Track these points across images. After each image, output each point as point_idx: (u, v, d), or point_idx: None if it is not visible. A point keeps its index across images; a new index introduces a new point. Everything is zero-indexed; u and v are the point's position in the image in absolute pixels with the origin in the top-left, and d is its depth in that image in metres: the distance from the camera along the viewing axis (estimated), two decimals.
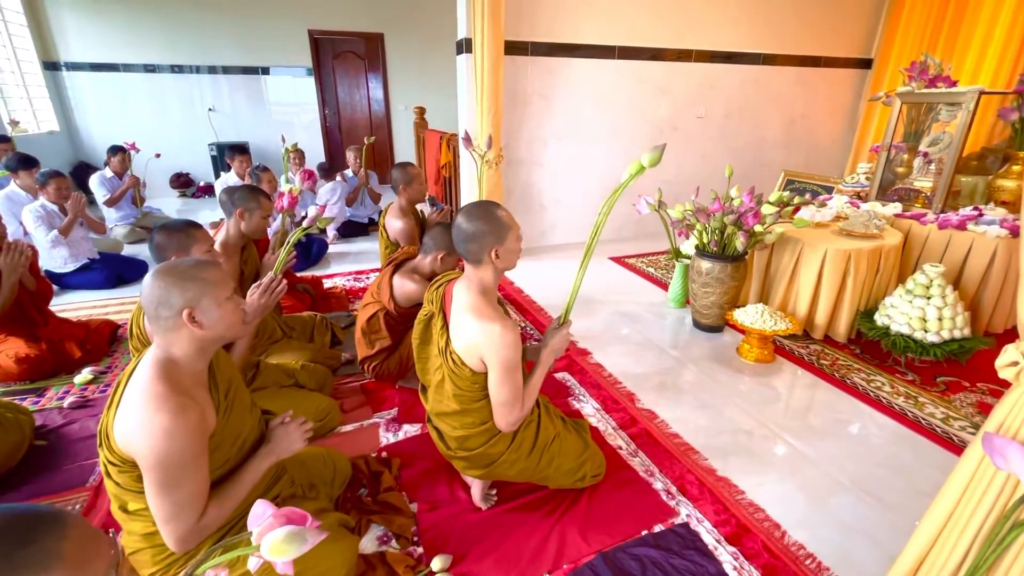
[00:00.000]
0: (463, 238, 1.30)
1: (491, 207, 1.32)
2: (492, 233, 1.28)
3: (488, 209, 1.31)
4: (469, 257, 1.32)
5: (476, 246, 1.29)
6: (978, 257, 2.61)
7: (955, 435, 1.95)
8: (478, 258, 1.31)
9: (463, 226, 1.30)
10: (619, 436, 1.93)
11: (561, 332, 1.47)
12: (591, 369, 2.40)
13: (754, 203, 2.49)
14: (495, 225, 1.29)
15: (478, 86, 3.61)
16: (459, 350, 1.33)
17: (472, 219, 1.29)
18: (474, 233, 1.29)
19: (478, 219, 1.29)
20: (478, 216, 1.29)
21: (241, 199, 2.04)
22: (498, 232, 1.29)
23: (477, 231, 1.28)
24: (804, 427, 2.01)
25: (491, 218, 1.29)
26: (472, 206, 1.32)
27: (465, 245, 1.31)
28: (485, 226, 1.28)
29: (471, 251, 1.31)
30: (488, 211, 1.30)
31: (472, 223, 1.29)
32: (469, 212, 1.31)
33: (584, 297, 3.31)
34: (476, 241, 1.29)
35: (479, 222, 1.29)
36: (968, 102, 2.70)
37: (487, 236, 1.28)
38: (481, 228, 1.28)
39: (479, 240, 1.29)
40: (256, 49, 6.60)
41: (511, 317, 1.43)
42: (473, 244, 1.29)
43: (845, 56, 4.90)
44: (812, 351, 2.59)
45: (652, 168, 1.31)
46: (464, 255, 1.33)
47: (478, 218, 1.29)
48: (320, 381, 2.10)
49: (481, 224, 1.28)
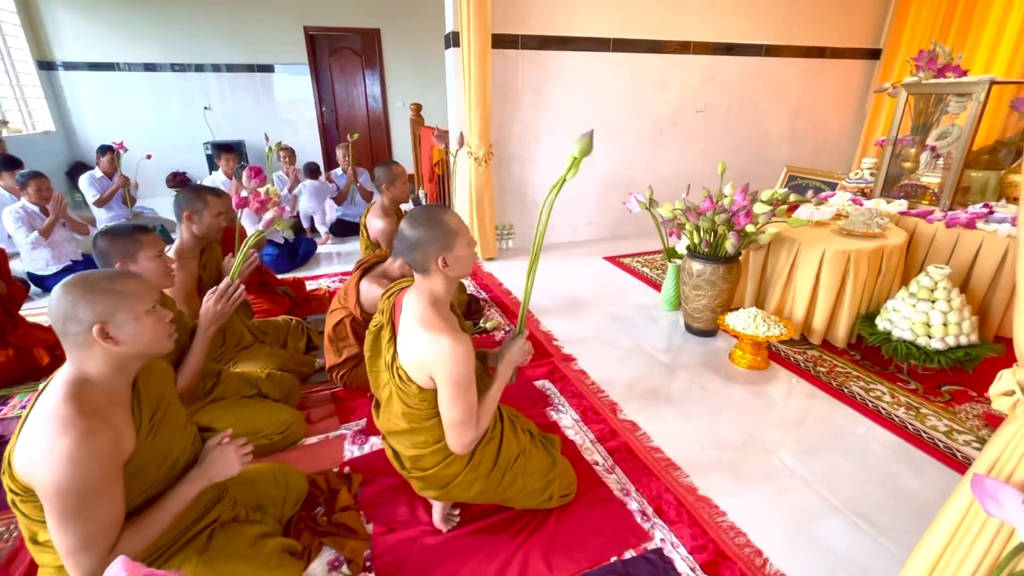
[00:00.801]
0: (407, 246, 1.20)
1: (437, 212, 1.21)
2: (438, 240, 1.18)
3: (433, 214, 1.20)
4: (415, 266, 1.22)
5: (421, 254, 1.19)
6: (988, 257, 2.45)
7: (959, 451, 1.81)
8: (424, 267, 1.21)
9: (406, 233, 1.20)
10: (596, 450, 1.82)
11: (518, 342, 1.37)
12: (574, 377, 2.29)
13: (747, 201, 2.36)
14: (441, 231, 1.18)
15: (466, 80, 3.51)
16: (406, 365, 1.23)
17: (416, 225, 1.19)
18: (418, 240, 1.18)
19: (422, 225, 1.18)
20: (422, 222, 1.19)
21: (185, 201, 1.95)
22: (445, 239, 1.19)
23: (421, 238, 1.18)
24: (796, 441, 1.89)
25: (436, 224, 1.19)
26: (417, 211, 1.22)
27: (410, 254, 1.20)
28: (430, 232, 1.18)
29: (416, 260, 1.20)
30: (433, 216, 1.20)
31: (415, 230, 1.18)
32: (413, 218, 1.20)
33: (573, 299, 3.20)
34: (421, 249, 1.19)
35: (423, 228, 1.18)
36: (979, 92, 2.54)
37: (432, 243, 1.18)
38: (425, 235, 1.18)
39: (424, 248, 1.18)
40: (252, 47, 6.54)
41: (464, 330, 1.33)
42: (418, 252, 1.19)
43: (852, 47, 4.71)
44: (809, 357, 2.46)
45: (587, 158, 1.21)
46: (411, 264, 1.23)
47: (422, 224, 1.18)
48: (286, 390, 2.01)
49: (425, 230, 1.18)
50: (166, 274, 1.60)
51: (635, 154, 4.36)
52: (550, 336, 2.68)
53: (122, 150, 4.43)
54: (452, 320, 1.26)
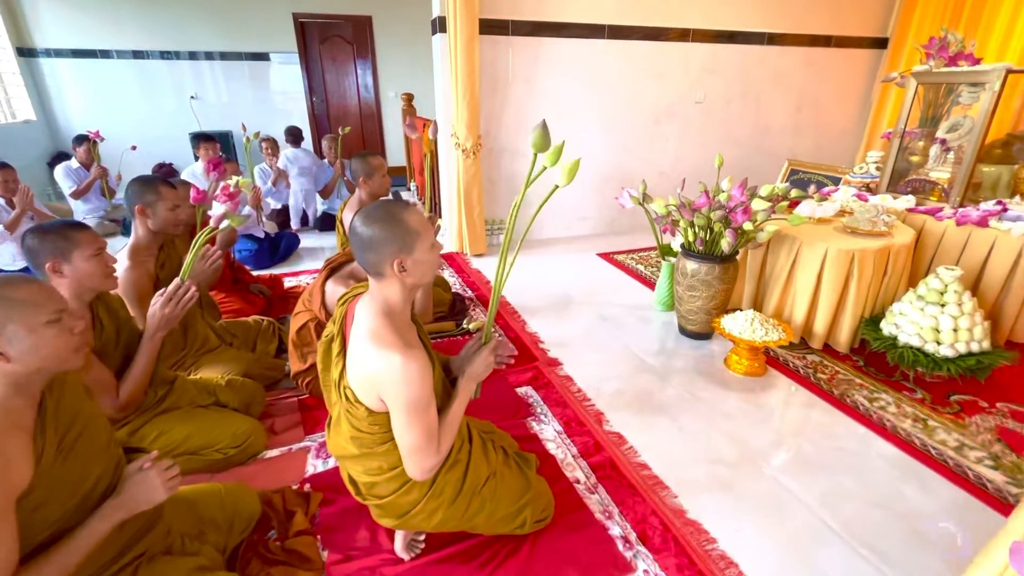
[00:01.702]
0: (359, 245, 1.06)
1: (396, 208, 1.06)
2: (394, 240, 1.03)
3: (391, 210, 1.06)
4: (368, 269, 1.08)
5: (375, 255, 1.05)
6: (1001, 258, 2.31)
7: (970, 469, 1.68)
8: (378, 270, 1.07)
9: (358, 230, 1.05)
10: (579, 466, 1.69)
11: (481, 354, 1.23)
12: (559, 383, 2.15)
13: (745, 197, 2.21)
14: (398, 230, 1.04)
15: (453, 68, 3.34)
16: (354, 384, 1.09)
17: (370, 222, 1.04)
18: (372, 239, 1.04)
19: (377, 222, 1.04)
20: (377, 219, 1.04)
21: (135, 193, 1.81)
22: (403, 239, 1.04)
23: (375, 237, 1.03)
24: (794, 457, 1.76)
25: (394, 222, 1.04)
26: (372, 207, 1.07)
27: (362, 254, 1.06)
28: (386, 231, 1.03)
29: (369, 262, 1.06)
30: (390, 213, 1.05)
31: (369, 227, 1.04)
32: (367, 215, 1.05)
33: (563, 298, 3.06)
34: (374, 250, 1.04)
35: (378, 226, 1.03)
36: (993, 82, 2.38)
37: (388, 244, 1.03)
38: (381, 233, 1.03)
39: (378, 248, 1.04)
40: (239, 34, 6.35)
41: (423, 344, 1.18)
42: (371, 253, 1.05)
43: (858, 35, 4.53)
44: (809, 363, 2.32)
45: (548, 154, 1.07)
46: (363, 266, 1.08)
47: (377, 221, 1.04)
48: (247, 398, 1.87)
49: (381, 228, 1.03)
50: (106, 275, 1.46)
51: (631, 147, 4.20)
52: (536, 338, 2.54)
53: (98, 139, 4.28)
54: (409, 333, 1.12)
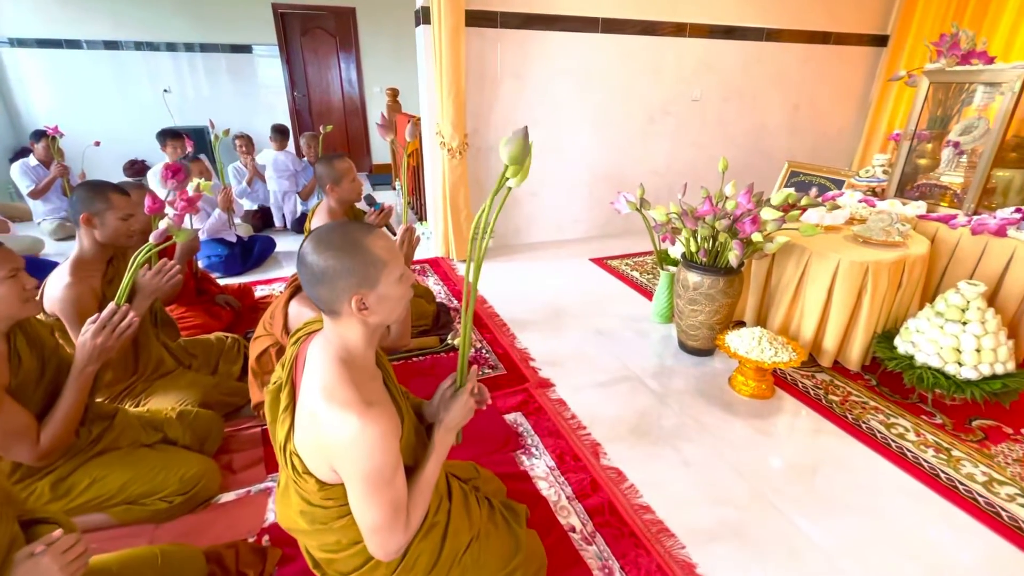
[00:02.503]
0: (308, 277, 0.86)
1: (355, 232, 0.86)
2: (353, 272, 0.84)
3: (349, 235, 0.85)
4: (321, 307, 0.88)
5: (328, 291, 0.85)
6: (1020, 270, 2.17)
7: (1004, 509, 1.53)
8: (333, 309, 0.87)
9: (308, 259, 0.85)
10: (574, 510, 1.51)
11: (459, 400, 1.04)
12: (551, 408, 1.97)
13: (752, 204, 2.04)
14: (358, 260, 0.84)
15: (437, 62, 3.13)
16: (301, 450, 0.89)
17: (322, 250, 0.84)
18: (324, 272, 0.84)
19: (331, 250, 0.84)
20: (332, 245, 0.84)
21: (80, 201, 1.58)
22: (364, 271, 0.85)
23: (329, 269, 0.84)
24: (808, 495, 1.59)
25: (352, 249, 0.84)
26: (326, 229, 0.87)
27: (313, 289, 0.86)
28: (342, 262, 0.84)
29: (321, 297, 0.86)
30: (349, 238, 0.85)
31: (321, 256, 0.84)
32: (319, 240, 0.85)
33: (555, 309, 2.87)
34: (327, 284, 0.84)
35: (332, 255, 0.84)
36: (1014, 83, 2.23)
37: (345, 277, 0.84)
38: (335, 265, 0.84)
39: (332, 283, 0.84)
40: (218, 25, 6.05)
41: (394, 396, 0.99)
42: (323, 288, 0.85)
43: (858, 32, 4.39)
44: (819, 382, 2.16)
45: (515, 161, 0.87)
46: (315, 303, 0.89)
47: (331, 248, 0.84)
48: (201, 432, 1.66)
49: (335, 258, 0.84)
50: (23, 300, 1.24)
51: (625, 146, 4.02)
52: (526, 356, 2.36)
53: (58, 135, 3.99)
54: (372, 382, 0.93)
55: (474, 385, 1.08)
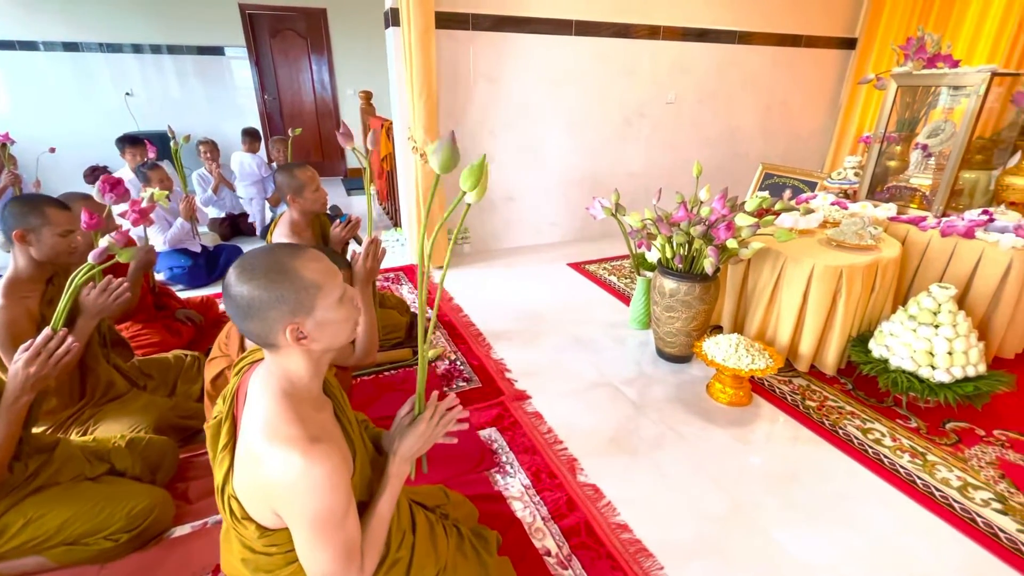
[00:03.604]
0: (236, 311, 0.78)
1: (281, 256, 0.78)
2: (284, 301, 0.76)
3: (276, 260, 0.78)
4: (255, 341, 0.81)
5: (258, 323, 0.77)
6: (989, 271, 2.19)
7: (979, 515, 1.52)
8: (268, 342, 0.80)
9: (232, 292, 0.77)
10: (550, 532, 1.45)
11: (417, 429, 0.98)
12: (527, 423, 1.91)
13: (727, 210, 2.02)
14: (287, 287, 0.76)
15: (407, 65, 3.06)
16: (241, 493, 0.82)
17: (246, 279, 0.76)
18: (251, 304, 0.76)
19: (256, 279, 0.76)
20: (257, 274, 0.76)
21: (14, 216, 1.47)
22: (296, 298, 0.77)
23: (256, 300, 0.76)
24: (787, 505, 1.57)
25: (279, 276, 0.76)
26: (250, 256, 0.79)
27: (243, 323, 0.78)
28: (270, 291, 0.76)
29: (252, 332, 0.79)
30: (275, 264, 0.77)
31: (245, 286, 0.76)
32: (242, 269, 0.77)
33: (532, 316, 2.82)
34: (257, 316, 0.77)
35: (258, 284, 0.76)
36: (979, 86, 2.26)
37: (275, 307, 0.76)
38: (262, 295, 0.76)
39: (262, 315, 0.77)
40: (183, 26, 5.85)
41: (345, 430, 0.92)
42: (254, 321, 0.77)
43: (827, 35, 4.45)
44: (796, 388, 2.15)
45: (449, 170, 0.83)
46: (247, 336, 0.81)
47: (256, 278, 0.76)
48: (155, 460, 1.56)
49: (262, 288, 0.76)
50: None
51: (601, 148, 4.00)
52: (502, 367, 2.30)
53: (8, 142, 3.79)
54: (320, 414, 0.86)
55: (433, 412, 1.02)
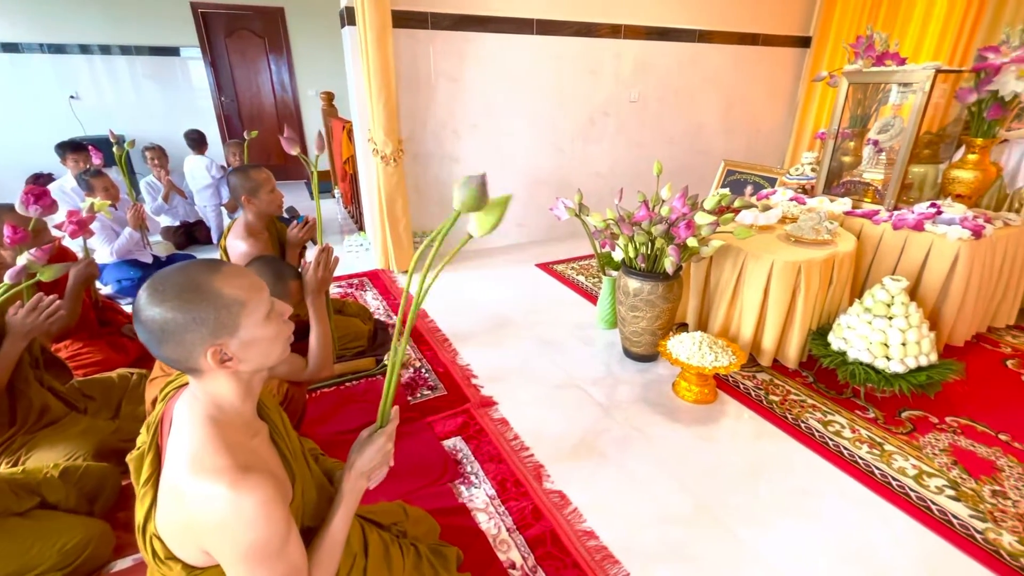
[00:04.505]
0: (148, 337, 0.71)
1: (197, 273, 0.72)
2: (201, 322, 0.70)
3: (190, 278, 0.71)
4: (174, 367, 0.75)
5: (174, 348, 0.71)
6: (938, 262, 2.26)
7: (933, 503, 1.56)
8: (188, 366, 0.74)
9: (143, 316, 0.70)
10: (515, 543, 1.42)
11: (375, 443, 0.93)
12: (493, 430, 1.88)
13: (687, 208, 2.02)
14: (205, 306, 0.70)
15: (365, 65, 2.98)
16: (164, 531, 0.75)
17: (157, 301, 0.69)
18: (164, 327, 0.70)
19: (169, 300, 0.69)
20: (169, 294, 0.70)
21: None
22: (215, 317, 0.71)
23: (169, 323, 0.69)
24: (751, 503, 1.57)
25: (195, 296, 0.70)
26: (160, 277, 0.72)
27: (158, 349, 0.72)
28: (185, 312, 0.69)
29: (169, 358, 0.72)
30: (189, 282, 0.71)
31: (157, 308, 0.69)
32: (152, 290, 0.70)
33: (500, 319, 2.78)
34: (172, 340, 0.70)
35: (170, 306, 0.69)
36: (924, 82, 2.33)
37: (191, 329, 0.70)
38: (176, 317, 0.69)
39: (177, 338, 0.70)
40: (130, 25, 5.60)
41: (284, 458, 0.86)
42: (168, 346, 0.71)
43: (783, 34, 4.55)
44: (759, 383, 2.18)
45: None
46: (164, 363, 0.75)
47: (168, 299, 0.69)
48: (92, 489, 1.46)
49: (175, 309, 0.69)
50: None
51: (567, 148, 3.99)
52: (469, 373, 2.25)
53: None
54: (253, 439, 0.80)
55: (394, 429, 0.97)
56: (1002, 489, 1.60)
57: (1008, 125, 2.64)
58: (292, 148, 1.55)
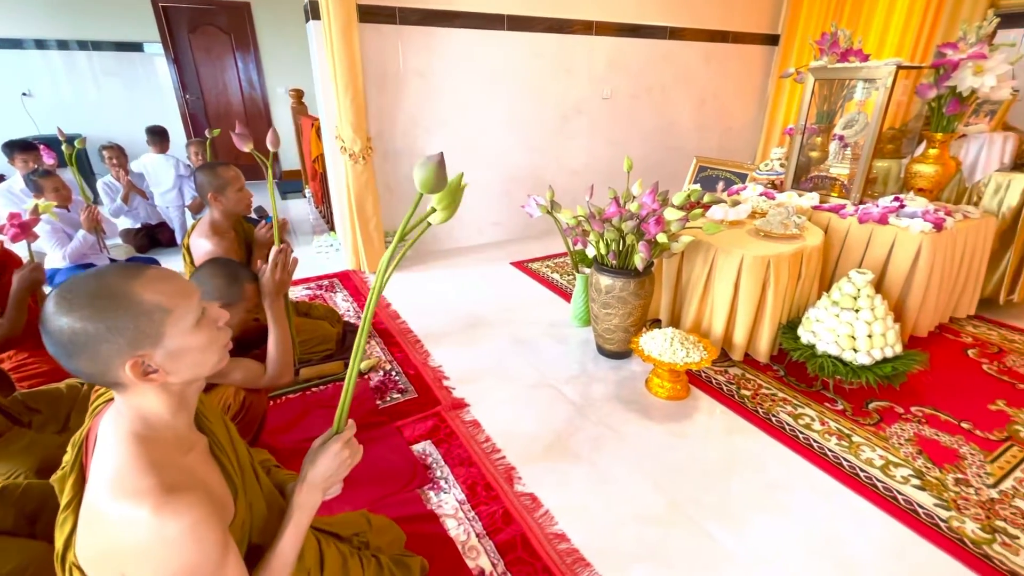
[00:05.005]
0: (57, 350, 0.65)
1: (113, 277, 0.66)
2: (118, 331, 0.65)
3: (105, 284, 0.65)
4: (89, 380, 0.69)
5: (87, 361, 0.65)
6: (902, 255, 2.30)
7: (899, 492, 1.58)
8: (105, 380, 0.68)
9: (50, 326, 0.64)
10: (484, 549, 1.38)
11: (328, 452, 0.87)
12: (464, 433, 1.83)
13: (657, 204, 2.01)
14: (122, 315, 0.65)
15: (330, 61, 2.90)
16: (83, 558, 0.69)
17: (65, 310, 0.63)
18: (74, 338, 0.64)
19: (80, 309, 0.63)
20: (80, 302, 0.64)
21: None
22: (134, 326, 0.65)
23: (80, 334, 0.63)
24: (724, 501, 1.57)
25: (110, 303, 0.64)
26: (71, 283, 0.65)
27: (69, 362, 0.66)
28: (97, 321, 0.64)
29: (84, 371, 0.66)
30: (104, 288, 0.65)
31: (66, 318, 0.63)
32: (61, 297, 0.64)
33: (473, 318, 2.74)
34: (84, 353, 0.65)
35: (81, 315, 0.63)
36: (886, 78, 2.36)
37: (105, 339, 0.64)
38: (87, 327, 0.63)
39: (89, 350, 0.64)
40: (89, 20, 5.38)
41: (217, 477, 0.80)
42: (80, 359, 0.65)
43: (752, 32, 4.60)
44: (731, 377, 2.18)
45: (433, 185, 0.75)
46: (78, 376, 0.69)
47: (79, 307, 0.63)
48: (34, 508, 1.37)
49: (87, 319, 0.63)
50: None
51: (541, 146, 3.96)
52: (440, 374, 2.21)
53: None
54: (186, 458, 0.74)
55: (352, 436, 0.92)
56: (965, 477, 1.63)
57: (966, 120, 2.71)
58: (244, 144, 1.48)
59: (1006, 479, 1.63)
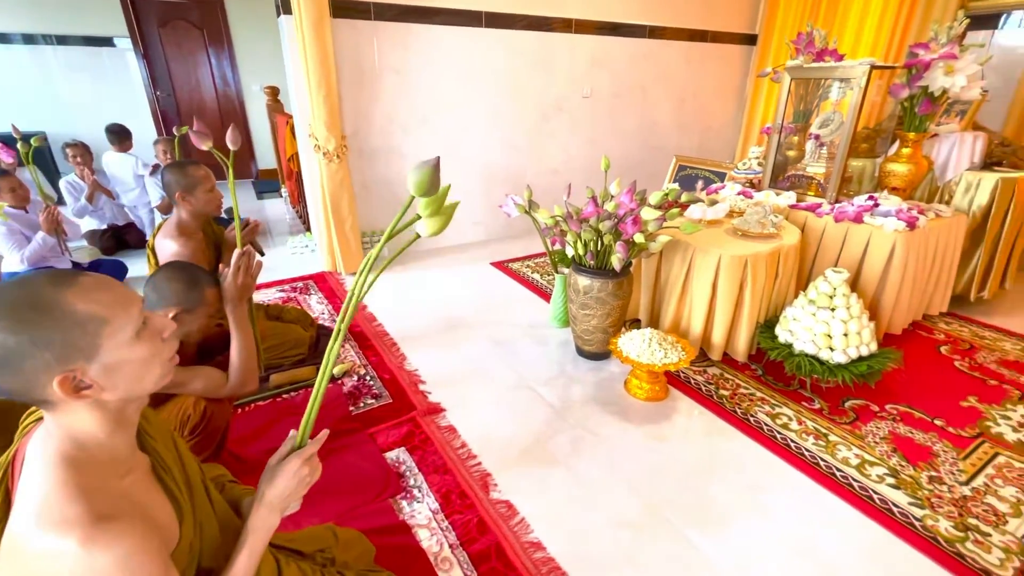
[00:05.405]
0: None
1: (42, 286, 0.62)
2: (46, 344, 0.60)
3: (30, 293, 0.61)
4: (13, 398, 0.63)
5: (11, 378, 0.60)
6: (877, 253, 2.32)
7: (875, 492, 1.58)
8: (31, 398, 0.63)
9: None
10: (457, 561, 1.35)
11: (288, 468, 0.82)
12: (439, 439, 1.79)
13: (634, 203, 1.99)
14: (51, 327, 0.60)
15: (303, 57, 2.82)
16: None
17: None
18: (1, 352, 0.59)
19: (2, 320, 0.59)
20: (3, 312, 0.59)
21: None
22: (64, 339, 0.61)
23: (1, 348, 0.59)
24: (702, 504, 1.55)
25: (36, 313, 0.60)
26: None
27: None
28: (22, 334, 0.59)
29: (6, 389, 0.61)
30: (28, 297, 0.60)
31: None
32: None
33: (452, 320, 2.70)
34: (7, 369, 0.60)
35: (2, 327, 0.58)
36: (860, 78, 2.38)
37: (31, 354, 0.59)
38: (8, 341, 0.58)
39: (13, 366, 0.60)
40: (53, 13, 5.17)
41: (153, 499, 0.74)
42: (3, 375, 0.60)
43: (731, 31, 4.63)
44: (710, 377, 2.18)
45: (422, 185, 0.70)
46: (3, 395, 0.64)
47: (3, 318, 0.59)
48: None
49: (8, 331, 0.59)
50: None
51: (521, 144, 3.92)
52: (416, 378, 2.16)
53: None
54: (123, 481, 0.69)
55: (314, 452, 0.87)
56: (938, 475, 1.64)
57: (938, 120, 2.74)
58: (203, 143, 1.42)
59: (978, 476, 1.64)
